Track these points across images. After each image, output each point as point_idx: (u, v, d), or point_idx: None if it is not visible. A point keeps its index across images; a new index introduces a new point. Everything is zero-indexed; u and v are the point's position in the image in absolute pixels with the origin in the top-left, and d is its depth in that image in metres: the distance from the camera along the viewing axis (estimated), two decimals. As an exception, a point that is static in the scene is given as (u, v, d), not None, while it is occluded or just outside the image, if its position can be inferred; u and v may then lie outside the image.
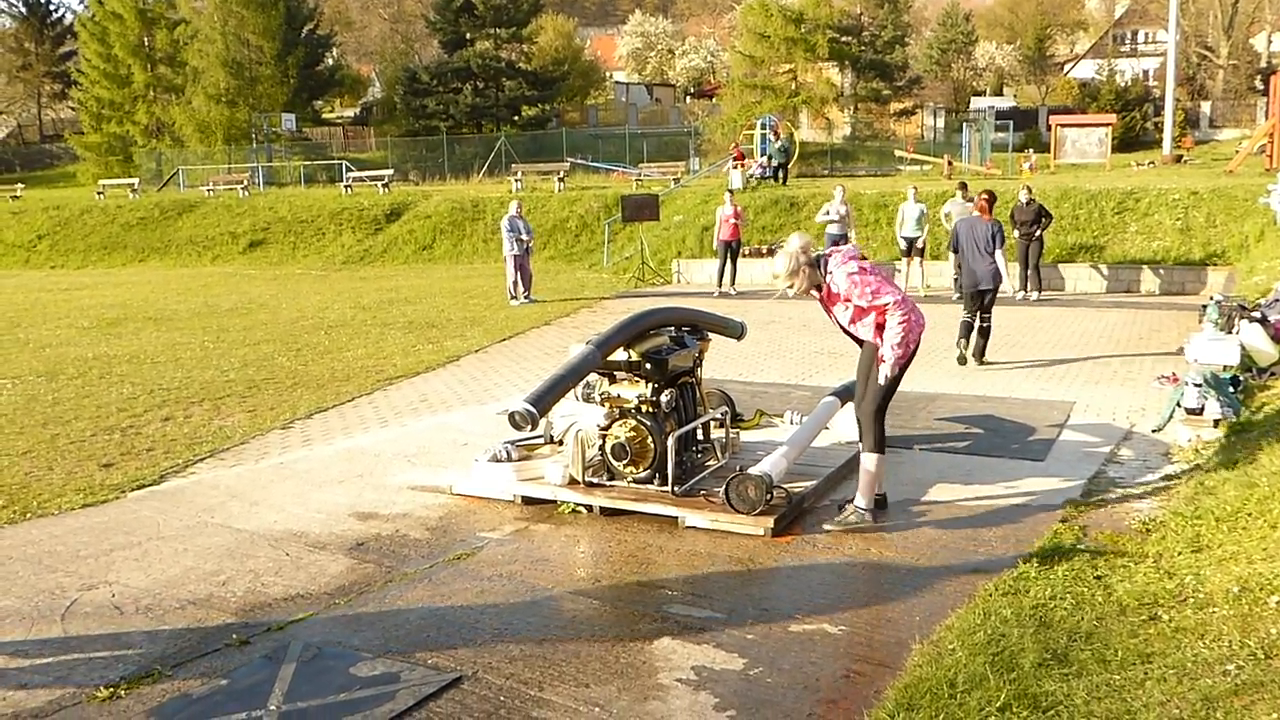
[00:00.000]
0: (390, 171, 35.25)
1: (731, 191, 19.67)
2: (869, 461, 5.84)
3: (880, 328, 5.66)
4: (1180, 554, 5.27)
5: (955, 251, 11.39)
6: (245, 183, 35.98)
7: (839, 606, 4.86)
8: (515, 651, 4.41)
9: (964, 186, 17.68)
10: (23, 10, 70.04)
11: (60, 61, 69.15)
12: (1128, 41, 71.09)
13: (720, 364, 10.96)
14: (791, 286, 5.74)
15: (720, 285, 18.49)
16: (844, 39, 43.59)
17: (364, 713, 3.90)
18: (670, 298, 17.75)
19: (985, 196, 11.19)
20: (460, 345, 12.81)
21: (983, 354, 11.09)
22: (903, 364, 5.71)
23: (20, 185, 43.24)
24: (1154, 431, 7.88)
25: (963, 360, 11.01)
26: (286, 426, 8.76)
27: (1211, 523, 5.59)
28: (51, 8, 70.95)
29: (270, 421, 8.90)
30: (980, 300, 10.89)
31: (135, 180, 40.34)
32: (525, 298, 17.45)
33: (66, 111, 68.72)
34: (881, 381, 5.71)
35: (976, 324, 11.03)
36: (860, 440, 5.94)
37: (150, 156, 46.74)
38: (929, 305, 15.82)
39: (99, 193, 38.79)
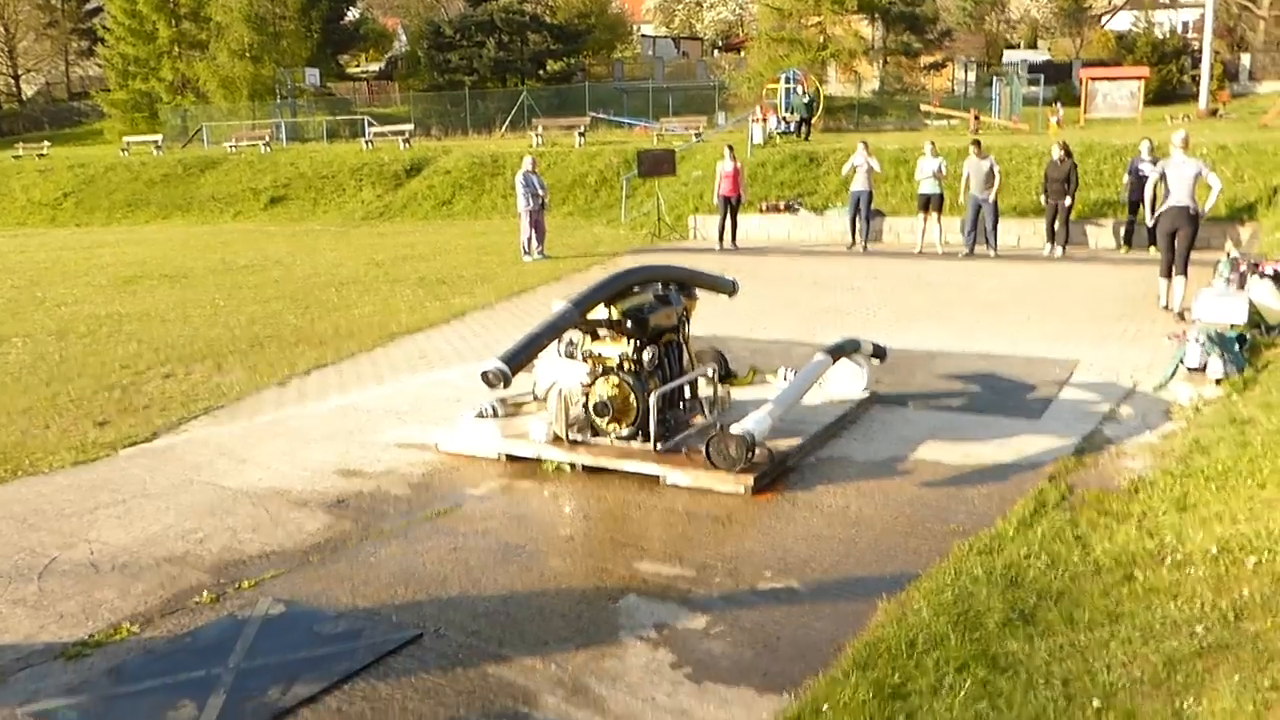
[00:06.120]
0: (410, 126, 35.09)
1: (731, 147, 19.35)
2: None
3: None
4: (1165, 513, 5.18)
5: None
6: (267, 139, 35.97)
7: (809, 565, 4.82)
8: (480, 608, 4.41)
9: (977, 144, 17.11)
10: (48, -34, 69.96)
11: (87, 18, 69.07)
12: (1166, -9, 69.45)
13: (726, 320, 10.86)
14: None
15: (721, 242, 18.32)
16: (874, -10, 42.70)
17: (323, 669, 3.92)
18: (682, 254, 17.60)
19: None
20: (467, 302, 12.78)
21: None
22: None
23: (46, 143, 43.42)
24: (1156, 389, 7.75)
25: None
26: (284, 383, 8.77)
27: (1200, 482, 5.50)
28: (76, -37, 70.82)
29: (268, 378, 8.92)
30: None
31: (159, 137, 40.46)
32: (539, 254, 17.37)
33: (94, 69, 68.80)
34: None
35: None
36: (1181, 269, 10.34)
37: (175, 113, 46.82)
38: (944, 261, 15.74)
39: (123, 150, 38.97)
